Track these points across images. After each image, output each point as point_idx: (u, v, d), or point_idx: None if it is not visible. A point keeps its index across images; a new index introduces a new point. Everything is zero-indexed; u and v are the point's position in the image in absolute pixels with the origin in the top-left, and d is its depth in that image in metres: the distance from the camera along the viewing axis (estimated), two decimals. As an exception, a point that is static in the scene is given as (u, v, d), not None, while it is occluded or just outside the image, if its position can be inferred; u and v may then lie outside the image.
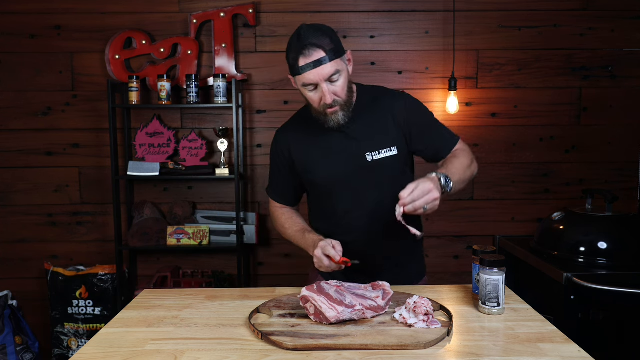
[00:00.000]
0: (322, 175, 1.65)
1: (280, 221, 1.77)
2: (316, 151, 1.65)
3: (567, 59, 2.98)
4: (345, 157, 1.62)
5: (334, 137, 1.62)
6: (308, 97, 1.56)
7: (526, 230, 3.00)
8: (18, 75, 2.94)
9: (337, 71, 1.51)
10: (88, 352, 1.21)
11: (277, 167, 1.75)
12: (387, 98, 1.68)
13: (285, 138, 1.72)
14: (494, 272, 1.38)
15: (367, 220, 1.64)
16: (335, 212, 1.67)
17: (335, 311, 1.30)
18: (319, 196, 1.72)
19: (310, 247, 1.59)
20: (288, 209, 1.80)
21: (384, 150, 1.61)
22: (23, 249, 3.03)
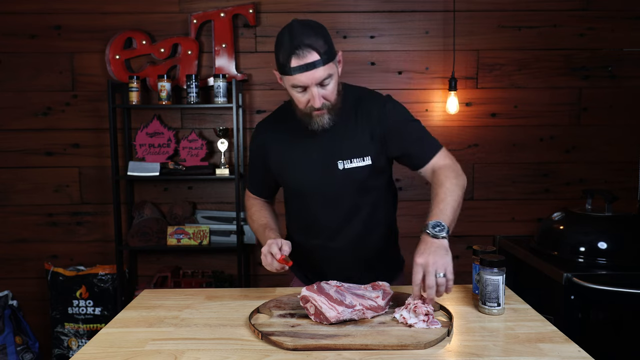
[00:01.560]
0: (293, 178, 1.64)
1: (249, 212, 1.76)
2: (290, 154, 1.63)
3: (567, 59, 2.98)
4: (317, 163, 1.59)
5: (310, 141, 1.59)
6: (295, 98, 1.51)
7: (526, 230, 3.00)
8: (18, 75, 2.94)
9: (329, 75, 1.46)
10: (88, 352, 1.21)
11: (254, 161, 1.73)
12: (369, 103, 1.61)
13: (264, 136, 1.69)
14: (494, 272, 1.38)
15: (336, 226, 1.63)
16: (307, 215, 1.66)
17: (336, 311, 1.30)
18: (291, 197, 1.71)
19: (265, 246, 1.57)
20: (262, 201, 1.78)
21: (356, 159, 1.57)
22: (23, 249, 3.03)
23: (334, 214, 1.62)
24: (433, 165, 1.58)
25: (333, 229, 1.63)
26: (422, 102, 2.98)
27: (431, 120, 2.99)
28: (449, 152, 1.62)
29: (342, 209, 1.61)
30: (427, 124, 2.94)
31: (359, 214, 1.63)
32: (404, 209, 1.93)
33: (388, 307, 1.41)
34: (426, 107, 2.99)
